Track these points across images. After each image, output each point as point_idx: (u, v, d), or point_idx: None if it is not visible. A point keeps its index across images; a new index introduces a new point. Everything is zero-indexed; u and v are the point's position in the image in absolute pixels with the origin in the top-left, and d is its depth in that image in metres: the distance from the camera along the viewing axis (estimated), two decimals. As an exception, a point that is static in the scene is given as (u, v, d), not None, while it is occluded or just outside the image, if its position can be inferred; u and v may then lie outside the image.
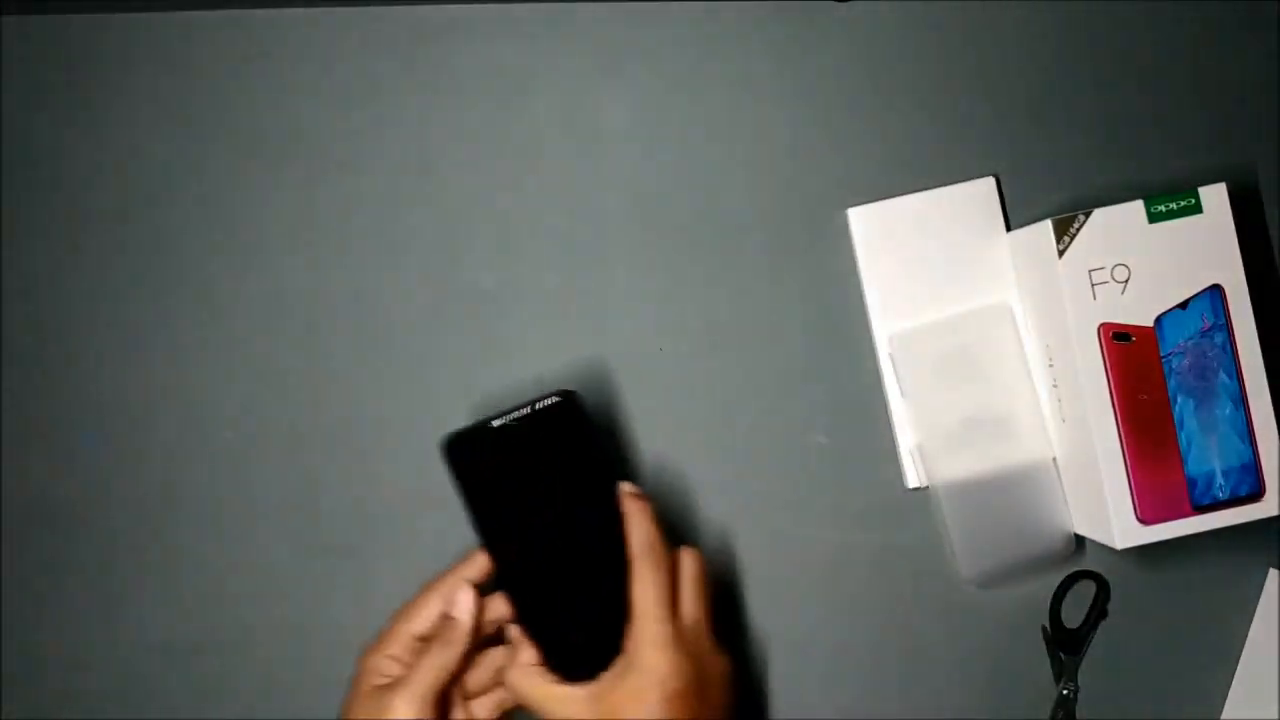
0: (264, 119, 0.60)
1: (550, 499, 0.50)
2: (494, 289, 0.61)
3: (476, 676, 0.53)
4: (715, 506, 0.61)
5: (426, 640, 0.52)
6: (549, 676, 0.49)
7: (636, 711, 0.47)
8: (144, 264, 0.59)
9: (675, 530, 0.61)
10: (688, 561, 0.52)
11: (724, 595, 0.61)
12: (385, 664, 0.51)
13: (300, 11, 0.60)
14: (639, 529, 0.50)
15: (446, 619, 0.51)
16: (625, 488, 0.51)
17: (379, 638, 0.52)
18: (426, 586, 0.53)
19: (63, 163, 0.59)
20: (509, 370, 0.60)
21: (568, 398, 0.50)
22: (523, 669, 0.50)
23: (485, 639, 0.52)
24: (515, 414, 0.49)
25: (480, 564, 0.52)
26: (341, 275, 0.60)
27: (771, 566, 0.61)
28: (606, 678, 0.49)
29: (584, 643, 0.49)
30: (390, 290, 0.60)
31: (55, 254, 0.59)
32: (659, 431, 0.61)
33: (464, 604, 0.51)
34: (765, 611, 0.61)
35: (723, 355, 0.61)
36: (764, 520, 0.61)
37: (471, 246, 0.61)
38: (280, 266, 0.60)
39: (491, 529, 0.50)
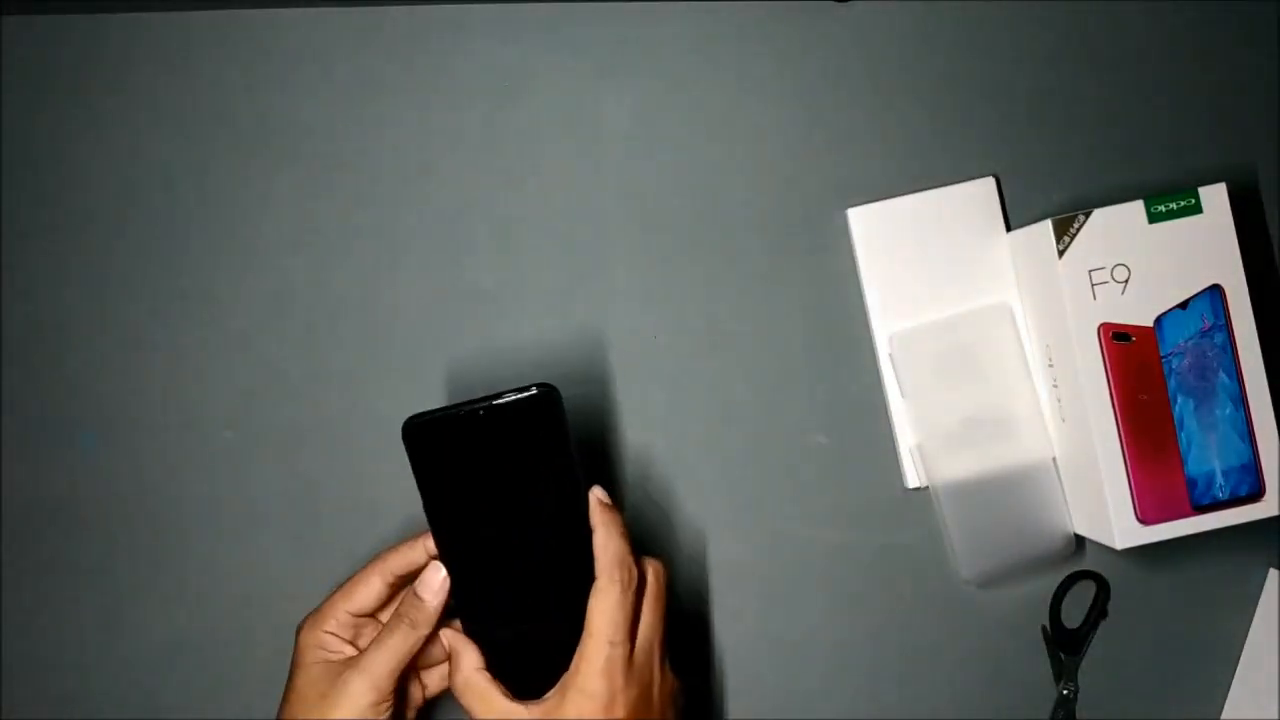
0: (264, 119, 0.60)
1: (513, 499, 0.47)
2: (494, 289, 0.61)
3: (431, 649, 0.50)
4: (715, 506, 0.61)
5: (366, 616, 0.50)
6: (497, 688, 0.47)
7: None
8: (144, 264, 0.59)
9: (668, 531, 0.61)
10: (652, 577, 0.50)
11: (724, 595, 0.61)
12: (326, 639, 0.49)
13: (300, 11, 0.60)
14: (610, 542, 0.48)
15: (413, 598, 0.48)
16: (596, 495, 0.48)
17: (319, 612, 0.50)
18: (368, 564, 0.51)
19: (63, 163, 0.59)
20: (509, 370, 0.60)
21: (545, 392, 0.46)
22: (468, 678, 0.48)
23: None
24: (485, 403, 0.46)
25: (419, 550, 0.50)
26: (341, 275, 0.60)
27: (771, 566, 0.61)
28: (552, 698, 0.47)
29: (532, 653, 0.47)
30: (390, 290, 0.60)
31: (55, 254, 0.59)
32: (658, 431, 0.61)
33: (433, 585, 0.48)
34: (765, 612, 0.61)
35: (722, 355, 0.61)
36: (764, 520, 0.61)
37: (471, 246, 0.61)
38: (280, 266, 0.60)
39: (445, 524, 0.47)
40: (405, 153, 0.60)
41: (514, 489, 0.47)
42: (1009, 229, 0.62)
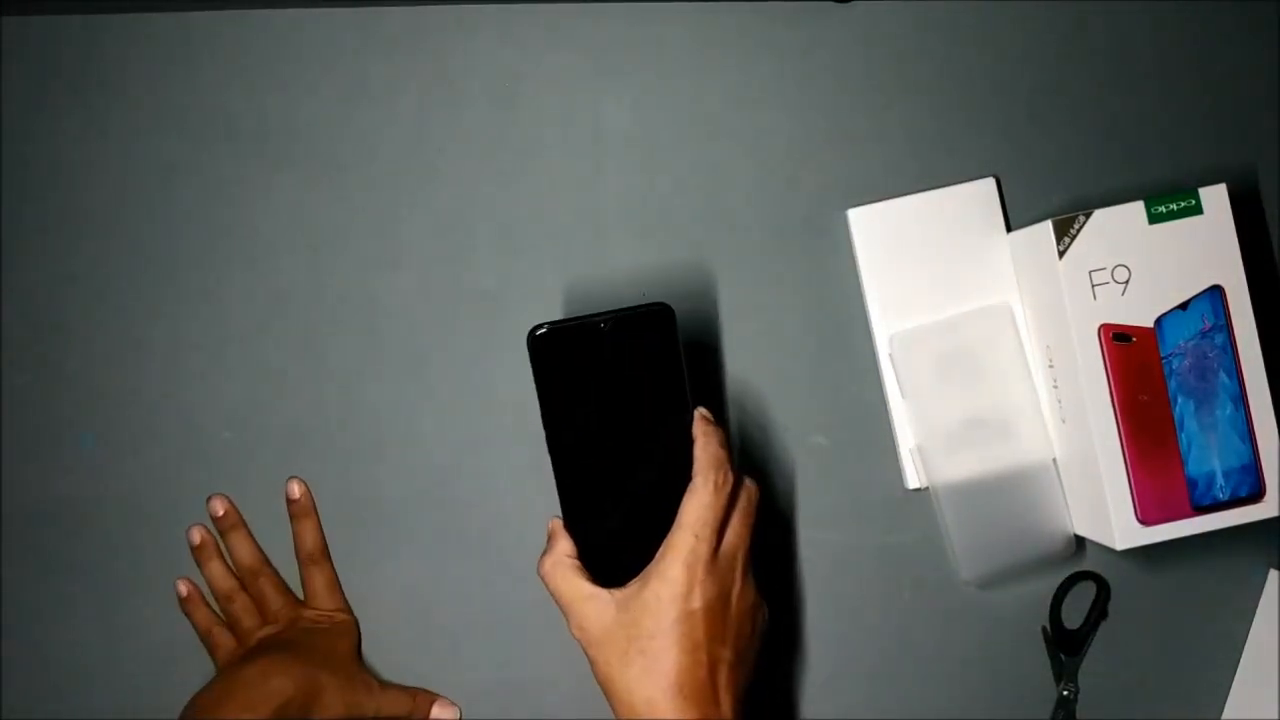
0: (264, 119, 0.60)
1: (623, 406, 0.49)
2: (494, 289, 0.61)
3: None
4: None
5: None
6: (582, 574, 0.49)
7: (652, 622, 0.47)
8: (144, 264, 0.59)
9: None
10: (746, 492, 0.51)
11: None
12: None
13: (300, 11, 0.60)
14: (709, 446, 0.49)
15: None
16: (700, 411, 0.50)
17: None
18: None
19: (63, 163, 0.59)
20: (510, 370, 0.60)
21: (662, 308, 0.49)
22: (558, 561, 0.49)
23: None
24: (607, 314, 0.48)
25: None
26: (341, 275, 0.60)
27: (771, 566, 0.61)
28: (634, 585, 0.48)
29: (624, 549, 0.49)
30: (390, 290, 0.60)
31: (55, 254, 0.59)
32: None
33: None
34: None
35: (723, 355, 0.61)
36: (763, 520, 0.61)
37: (471, 246, 0.61)
38: (280, 266, 0.60)
39: (558, 420, 0.49)
40: (405, 153, 0.60)
41: (625, 397, 0.49)
42: (1009, 229, 0.62)
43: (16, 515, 0.58)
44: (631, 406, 0.49)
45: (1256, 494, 0.56)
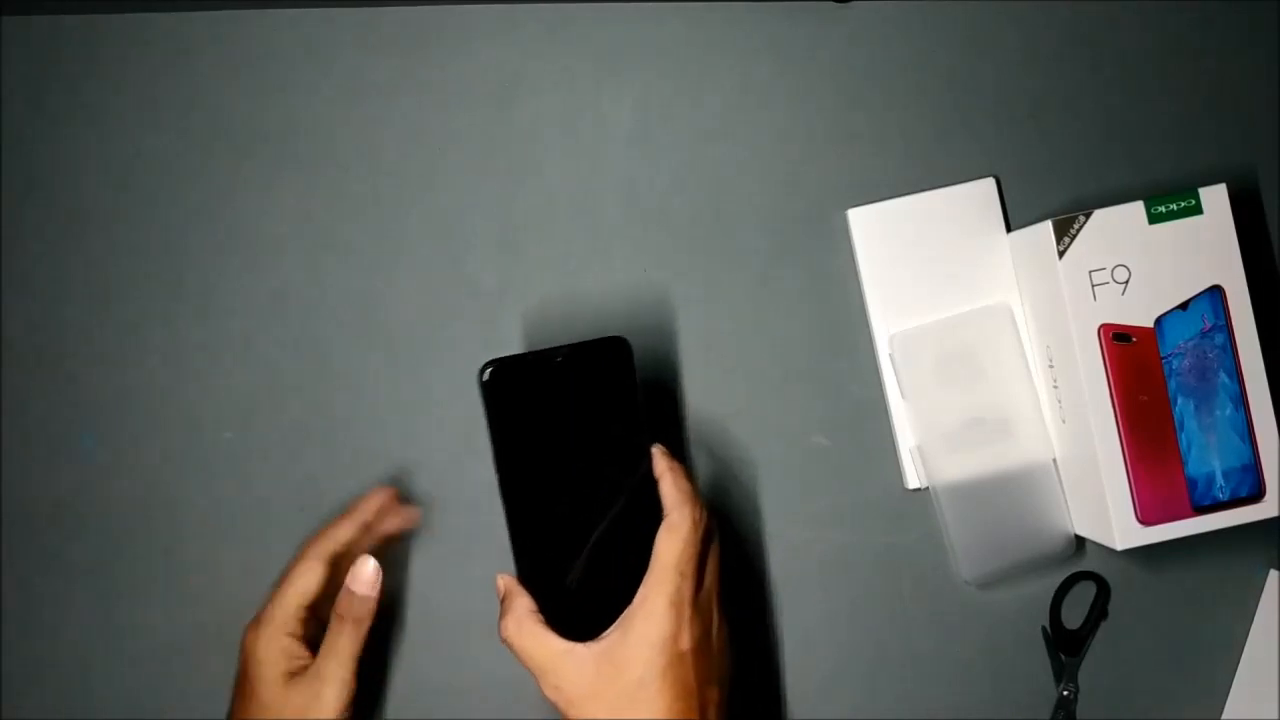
0: (263, 119, 0.60)
1: (579, 444, 0.48)
2: (494, 289, 0.61)
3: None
4: (714, 507, 0.61)
5: (312, 608, 0.50)
6: (549, 631, 0.46)
7: (641, 670, 0.45)
8: (144, 264, 0.59)
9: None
10: (714, 524, 0.50)
11: (723, 595, 0.61)
12: (290, 645, 0.49)
13: (300, 11, 0.60)
14: (680, 481, 0.48)
15: (349, 594, 0.50)
16: (659, 448, 0.49)
17: (269, 618, 0.50)
18: (303, 550, 0.52)
19: (63, 163, 0.59)
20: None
21: (617, 341, 0.48)
22: (522, 619, 0.47)
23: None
24: (562, 348, 0.47)
25: (346, 527, 0.52)
26: (341, 275, 0.60)
27: (771, 567, 0.61)
28: (613, 634, 0.46)
29: (587, 599, 0.47)
30: (390, 290, 0.60)
31: (55, 254, 0.59)
32: (658, 432, 0.61)
33: (366, 578, 0.50)
34: (765, 612, 0.61)
35: (722, 355, 0.61)
36: (763, 520, 0.61)
37: (471, 246, 0.61)
38: (280, 266, 0.60)
39: (512, 461, 0.47)
40: (405, 153, 0.60)
41: (581, 435, 0.48)
42: (1009, 229, 0.62)
43: (16, 515, 0.58)
44: (588, 444, 0.48)
45: (1256, 494, 0.56)
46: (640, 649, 0.45)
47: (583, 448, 0.48)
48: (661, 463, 0.49)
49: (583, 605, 0.47)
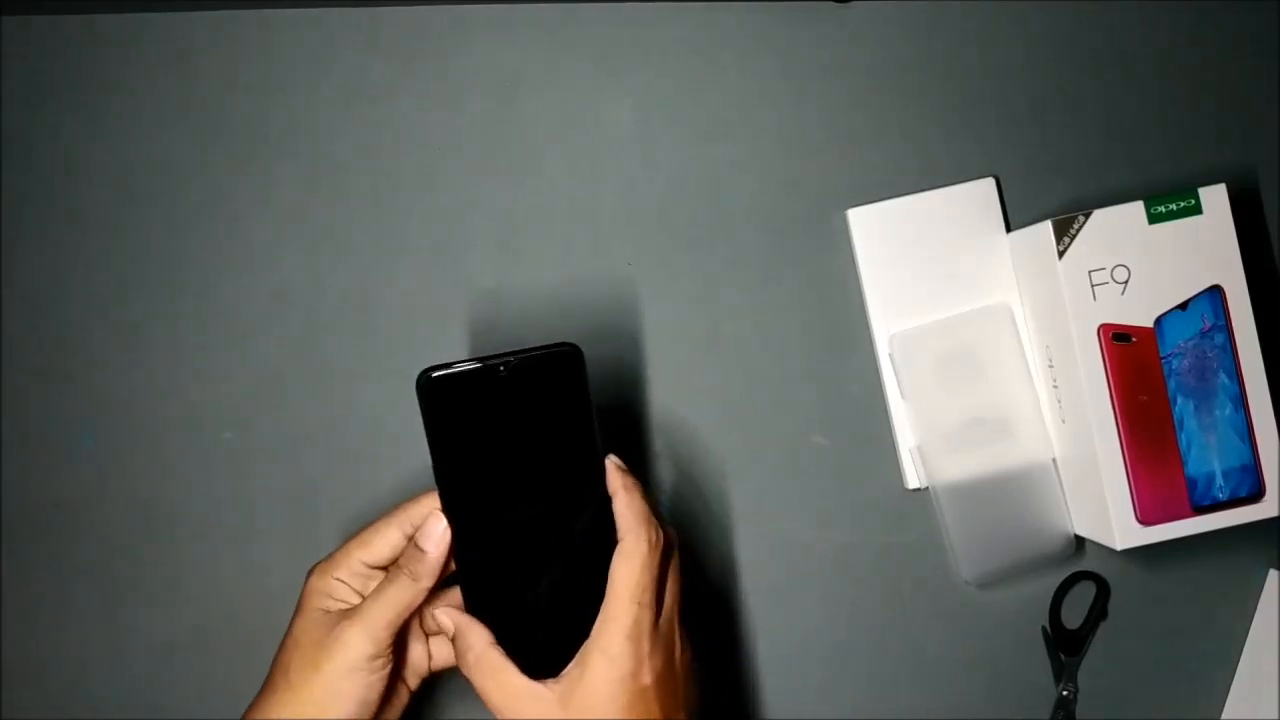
0: (264, 119, 0.60)
1: (527, 461, 0.44)
2: (494, 289, 0.61)
3: (437, 614, 0.48)
4: (714, 507, 0.61)
5: (381, 569, 0.48)
6: (512, 665, 0.44)
7: (603, 710, 0.43)
8: (144, 263, 0.59)
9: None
10: (672, 541, 0.47)
11: (724, 596, 0.61)
12: (335, 586, 0.47)
13: (300, 11, 0.60)
14: (634, 502, 0.45)
15: (413, 549, 0.46)
16: (614, 460, 0.46)
17: (331, 558, 0.48)
18: (386, 514, 0.48)
19: (63, 163, 0.59)
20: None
21: (568, 349, 0.44)
22: (482, 654, 0.45)
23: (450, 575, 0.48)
24: (506, 357, 0.44)
25: (431, 502, 0.47)
26: (341, 275, 0.60)
27: (771, 567, 0.61)
28: (571, 670, 0.44)
29: (545, 630, 0.45)
30: (390, 290, 0.60)
31: (55, 254, 0.59)
32: (658, 431, 0.61)
33: (434, 535, 0.46)
34: (765, 612, 0.61)
35: (722, 355, 0.61)
36: (763, 520, 0.61)
37: (471, 246, 0.61)
38: (280, 266, 0.60)
39: (453, 485, 0.45)
40: (405, 153, 0.60)
41: (529, 451, 0.45)
42: (1009, 229, 0.62)
43: (16, 515, 0.58)
44: (537, 461, 0.45)
45: (1256, 494, 0.56)
46: (600, 688, 0.43)
47: (532, 464, 0.45)
48: (615, 479, 0.46)
49: (542, 633, 0.45)
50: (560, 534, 0.45)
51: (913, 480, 0.61)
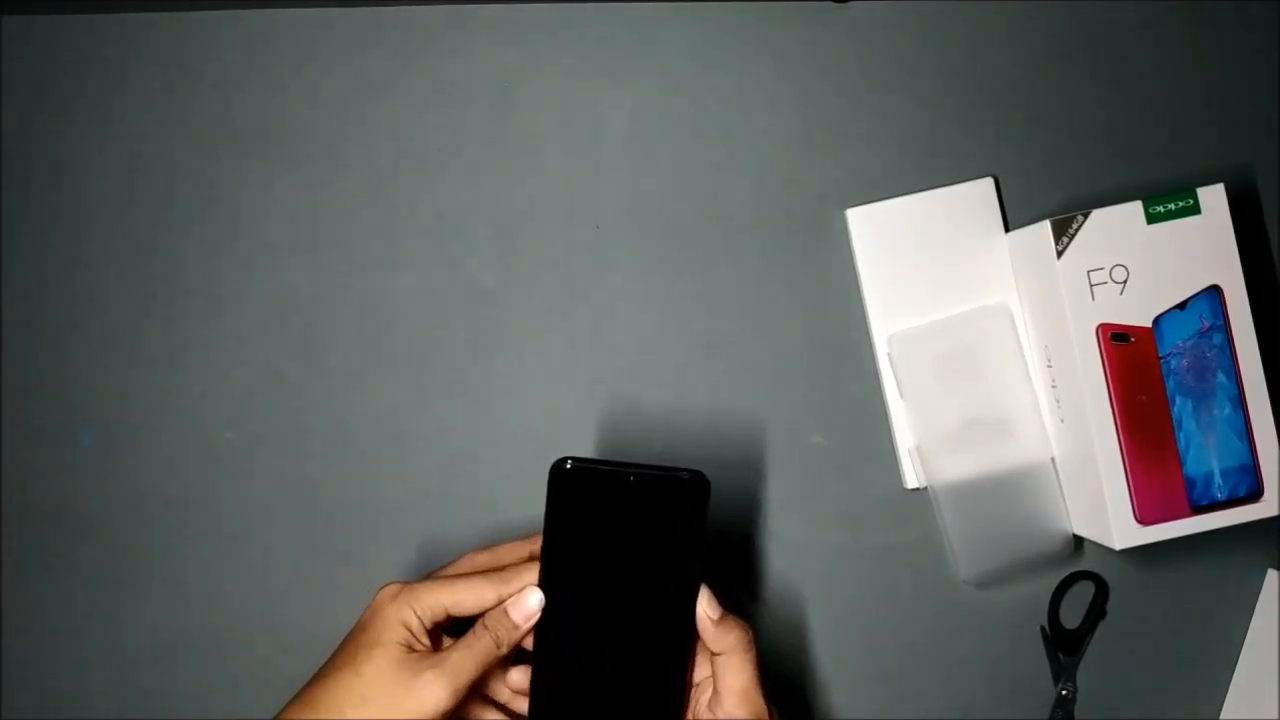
0: (264, 119, 0.60)
1: (629, 566, 0.47)
2: (494, 289, 0.61)
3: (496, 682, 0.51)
4: (713, 507, 0.61)
5: (450, 621, 0.49)
6: None
7: None
8: (144, 264, 0.59)
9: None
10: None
11: (722, 595, 0.61)
12: (413, 622, 0.48)
13: (300, 11, 0.60)
14: (742, 674, 0.48)
15: (504, 616, 0.48)
16: (705, 608, 0.48)
17: (415, 590, 0.48)
18: (487, 572, 0.49)
19: (63, 163, 0.59)
20: (509, 370, 0.60)
21: (698, 479, 0.47)
22: None
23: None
24: (640, 468, 0.46)
25: (533, 573, 0.49)
26: (342, 275, 0.60)
27: (770, 567, 0.61)
28: None
29: (586, 703, 0.48)
30: (390, 290, 0.60)
31: (55, 254, 0.59)
32: (657, 432, 0.61)
33: (527, 609, 0.48)
34: (764, 612, 0.61)
35: (722, 355, 0.61)
36: (763, 521, 0.61)
37: (471, 246, 0.61)
38: (280, 266, 0.60)
39: (556, 567, 0.47)
40: (405, 153, 0.60)
41: (634, 556, 0.47)
42: (1008, 229, 0.62)
43: (16, 515, 0.58)
44: (638, 568, 0.47)
45: (1255, 494, 0.56)
46: None
47: (633, 569, 0.47)
48: (710, 633, 0.48)
49: (577, 706, 0.48)
50: (638, 636, 0.48)
51: (911, 480, 0.61)
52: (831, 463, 0.61)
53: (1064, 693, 0.62)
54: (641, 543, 0.47)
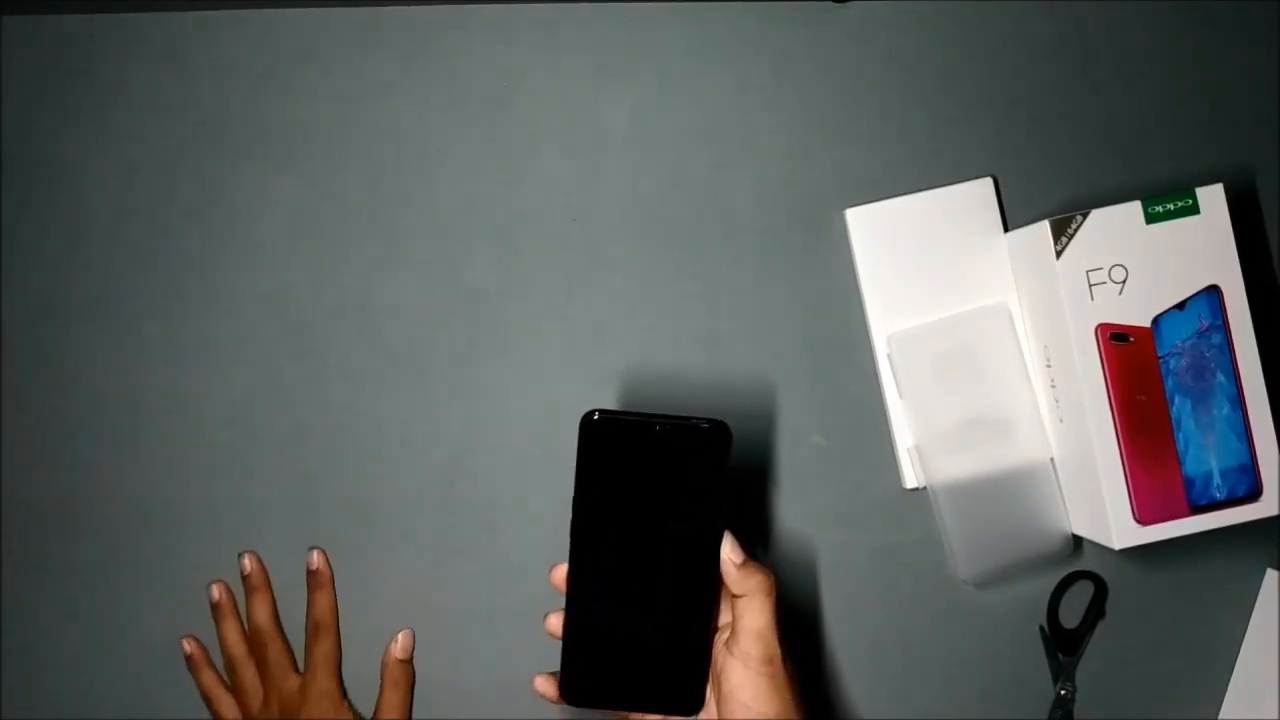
0: (264, 119, 0.60)
1: (656, 512, 0.48)
2: (494, 289, 0.61)
3: None
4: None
5: None
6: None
7: None
8: (144, 263, 0.59)
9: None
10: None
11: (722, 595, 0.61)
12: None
13: (300, 11, 0.60)
14: (758, 619, 0.48)
15: (399, 662, 0.58)
16: (729, 554, 0.48)
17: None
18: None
19: (63, 163, 0.59)
20: (508, 370, 0.60)
21: (720, 428, 0.48)
22: None
23: None
24: (664, 418, 0.48)
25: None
26: (341, 275, 0.60)
27: (770, 567, 0.61)
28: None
29: (625, 659, 0.49)
30: (390, 290, 0.60)
31: (55, 254, 0.59)
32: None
33: (408, 646, 0.58)
34: (764, 611, 0.61)
35: (721, 355, 0.61)
36: (763, 520, 0.61)
37: (471, 246, 0.61)
38: (280, 266, 0.60)
39: (587, 517, 0.48)
40: (405, 153, 0.61)
41: (660, 503, 0.48)
42: (1007, 229, 0.62)
43: (16, 515, 0.58)
44: (665, 514, 0.48)
45: (1254, 493, 0.56)
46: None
47: (659, 516, 0.48)
48: (735, 576, 0.49)
49: (606, 666, 0.49)
50: (667, 585, 0.49)
51: (911, 480, 0.61)
52: (830, 462, 0.61)
53: (1063, 692, 0.62)
54: (667, 490, 0.48)
